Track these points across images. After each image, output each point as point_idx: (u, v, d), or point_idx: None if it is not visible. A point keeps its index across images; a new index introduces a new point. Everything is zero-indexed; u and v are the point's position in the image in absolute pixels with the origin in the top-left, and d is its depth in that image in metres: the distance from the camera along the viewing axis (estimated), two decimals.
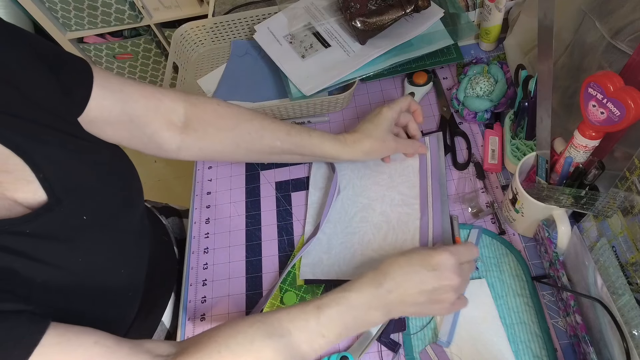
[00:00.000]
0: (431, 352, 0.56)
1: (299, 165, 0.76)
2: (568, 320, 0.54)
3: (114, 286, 0.50)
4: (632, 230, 0.43)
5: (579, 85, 0.47)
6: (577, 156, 0.51)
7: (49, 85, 0.46)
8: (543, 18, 0.43)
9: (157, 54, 1.87)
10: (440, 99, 0.77)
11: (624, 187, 0.44)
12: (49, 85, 0.46)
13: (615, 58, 0.51)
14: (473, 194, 0.66)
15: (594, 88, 0.44)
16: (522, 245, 0.62)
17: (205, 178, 0.78)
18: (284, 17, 0.83)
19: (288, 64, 0.78)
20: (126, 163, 0.56)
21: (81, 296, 0.46)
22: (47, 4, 1.61)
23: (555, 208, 0.53)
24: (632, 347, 0.43)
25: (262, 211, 0.73)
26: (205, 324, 0.64)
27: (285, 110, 0.77)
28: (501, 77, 0.71)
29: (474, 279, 0.59)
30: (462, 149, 0.71)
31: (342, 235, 0.66)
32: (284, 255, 0.68)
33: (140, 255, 0.57)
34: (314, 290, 0.64)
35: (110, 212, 0.50)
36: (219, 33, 0.91)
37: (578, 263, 0.53)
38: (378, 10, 0.73)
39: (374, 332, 0.58)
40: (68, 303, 0.44)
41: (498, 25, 0.75)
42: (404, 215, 0.66)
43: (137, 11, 1.65)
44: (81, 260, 0.46)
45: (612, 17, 0.51)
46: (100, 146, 0.52)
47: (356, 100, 0.81)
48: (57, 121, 0.45)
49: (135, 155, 0.63)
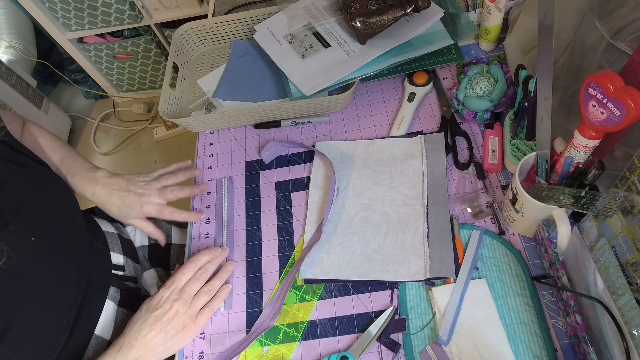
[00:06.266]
0: (431, 352, 0.56)
1: (299, 165, 0.76)
2: (568, 320, 0.54)
3: (50, 313, 0.52)
4: (632, 230, 0.43)
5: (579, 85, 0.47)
6: (577, 156, 0.51)
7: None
8: (543, 18, 0.43)
9: (157, 54, 1.87)
10: (440, 99, 0.77)
11: (624, 187, 0.44)
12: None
13: (615, 58, 0.51)
14: (473, 194, 0.66)
15: (594, 88, 0.44)
16: (522, 245, 0.62)
17: (205, 178, 0.78)
18: (284, 17, 0.83)
19: (288, 64, 0.78)
20: (54, 177, 0.61)
21: (14, 320, 0.48)
22: (47, 4, 1.61)
23: (555, 208, 0.53)
24: (632, 347, 0.43)
25: (262, 211, 0.73)
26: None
27: (285, 110, 0.77)
28: (501, 77, 0.71)
29: (474, 279, 0.59)
30: (462, 148, 0.71)
31: (342, 235, 0.66)
32: (284, 256, 0.68)
33: (79, 277, 0.58)
34: (313, 290, 0.64)
35: (55, 231, 0.53)
36: (219, 33, 0.91)
37: (578, 263, 0.53)
38: (378, 10, 0.73)
39: (374, 332, 0.58)
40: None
41: (498, 25, 0.75)
42: (405, 215, 0.66)
43: (137, 11, 1.65)
44: (21, 285, 0.49)
45: (612, 17, 0.51)
46: (30, 162, 0.57)
47: (356, 100, 0.81)
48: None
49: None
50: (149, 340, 0.57)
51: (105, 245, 0.68)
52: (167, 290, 0.60)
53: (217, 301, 0.63)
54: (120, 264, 0.69)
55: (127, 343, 0.56)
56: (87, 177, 0.67)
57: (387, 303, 0.61)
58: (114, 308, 0.64)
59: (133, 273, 0.71)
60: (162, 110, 0.79)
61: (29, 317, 0.49)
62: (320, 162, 0.75)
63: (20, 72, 1.84)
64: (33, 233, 0.52)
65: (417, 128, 0.75)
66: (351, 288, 0.63)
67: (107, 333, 0.62)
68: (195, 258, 0.64)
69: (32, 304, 0.50)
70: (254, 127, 0.82)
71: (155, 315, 0.58)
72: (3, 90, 1.71)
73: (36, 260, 0.52)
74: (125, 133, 2.08)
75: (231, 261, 0.67)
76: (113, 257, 0.68)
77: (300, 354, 0.60)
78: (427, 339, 0.57)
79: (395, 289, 0.62)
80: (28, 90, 1.85)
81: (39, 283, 0.51)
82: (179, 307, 0.59)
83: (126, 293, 0.66)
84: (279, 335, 0.61)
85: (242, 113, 0.76)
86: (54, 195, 0.59)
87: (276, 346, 0.61)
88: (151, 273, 0.75)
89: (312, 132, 0.79)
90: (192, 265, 0.63)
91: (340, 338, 0.60)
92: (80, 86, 2.12)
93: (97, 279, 0.62)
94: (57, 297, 0.53)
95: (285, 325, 0.62)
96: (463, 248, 0.62)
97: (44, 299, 0.51)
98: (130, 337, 0.57)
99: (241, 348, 0.60)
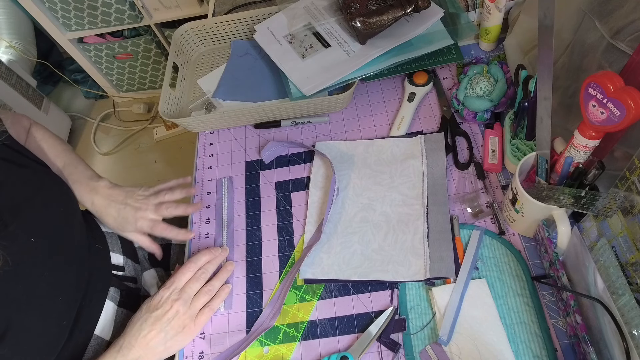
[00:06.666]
0: (431, 352, 0.56)
1: (299, 165, 0.76)
2: (568, 320, 0.54)
3: (50, 314, 0.52)
4: (632, 230, 0.43)
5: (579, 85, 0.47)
6: (577, 156, 0.51)
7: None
8: (543, 18, 0.43)
9: (157, 54, 1.87)
10: (440, 99, 0.77)
11: (624, 187, 0.44)
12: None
13: (615, 58, 0.51)
14: (473, 194, 0.66)
15: (594, 88, 0.44)
16: (522, 245, 0.62)
17: (205, 178, 0.78)
18: (284, 17, 0.83)
19: (288, 64, 0.78)
20: (54, 177, 0.61)
21: (14, 321, 0.48)
22: (47, 4, 1.61)
23: (555, 208, 0.53)
24: (632, 347, 0.43)
25: (262, 211, 0.73)
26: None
27: (285, 110, 0.77)
28: (501, 77, 0.71)
29: (474, 279, 0.59)
30: (462, 148, 0.71)
31: (342, 235, 0.66)
32: (284, 256, 0.68)
33: (79, 277, 0.58)
34: (313, 290, 0.64)
35: (54, 231, 0.54)
36: (219, 33, 0.91)
37: (578, 263, 0.53)
38: (378, 10, 0.73)
39: (374, 332, 0.58)
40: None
41: (498, 25, 0.75)
42: (405, 215, 0.66)
43: (137, 11, 1.65)
44: (21, 286, 0.49)
45: (612, 17, 0.51)
46: (30, 162, 0.58)
47: (356, 100, 0.81)
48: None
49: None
50: (149, 340, 0.57)
51: (105, 245, 0.68)
52: (167, 291, 0.60)
53: (217, 301, 0.63)
54: (120, 264, 0.69)
55: (127, 343, 0.56)
56: (87, 185, 0.67)
57: (387, 303, 0.61)
58: (114, 308, 0.64)
59: (133, 273, 0.71)
60: (162, 110, 0.79)
61: (29, 318, 0.49)
62: (320, 162, 0.75)
63: (20, 72, 1.84)
64: (33, 233, 0.52)
65: (417, 128, 0.75)
66: (351, 288, 0.63)
67: (106, 333, 0.62)
68: (195, 258, 0.64)
69: (32, 305, 0.50)
70: (254, 127, 0.82)
71: (155, 315, 0.58)
72: (3, 90, 1.71)
73: (36, 260, 0.52)
74: (125, 133, 2.08)
75: (231, 261, 0.67)
76: (113, 257, 0.68)
77: (300, 354, 0.60)
78: (427, 339, 0.57)
79: (395, 289, 0.62)
80: (28, 90, 1.85)
81: (39, 284, 0.51)
82: (179, 307, 0.59)
83: (126, 293, 0.66)
84: (279, 335, 0.61)
85: (242, 113, 0.76)
86: (53, 195, 0.59)
87: (276, 346, 0.61)
88: (151, 273, 0.75)
89: (312, 132, 0.79)
90: (192, 266, 0.63)
91: (340, 338, 0.60)
92: (80, 86, 2.12)
93: (96, 280, 0.62)
94: (57, 298, 0.53)
95: (285, 325, 0.62)
96: (463, 248, 0.62)
97: (44, 300, 0.51)
98: (130, 337, 0.57)
99: (241, 348, 0.60)
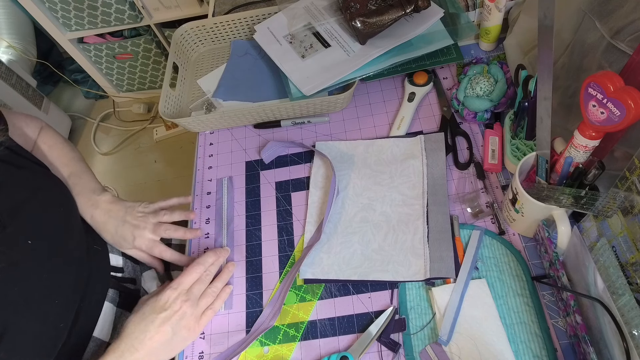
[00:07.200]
0: (431, 352, 0.56)
1: (299, 165, 0.76)
2: (568, 320, 0.54)
3: (48, 316, 0.52)
4: (632, 230, 0.43)
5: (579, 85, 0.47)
6: (577, 156, 0.51)
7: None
8: (543, 18, 0.43)
9: (157, 54, 1.87)
10: (440, 99, 0.77)
11: (624, 187, 0.44)
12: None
13: (615, 58, 0.51)
14: (473, 194, 0.66)
15: (594, 88, 0.44)
16: (522, 245, 0.62)
17: (205, 178, 0.78)
18: (284, 17, 0.83)
19: (288, 64, 0.78)
20: (55, 181, 0.61)
21: (11, 324, 0.47)
22: (47, 4, 1.61)
23: (555, 208, 0.53)
24: (632, 347, 0.43)
25: (262, 211, 0.73)
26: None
27: (285, 110, 0.77)
28: (501, 77, 0.71)
29: (474, 279, 0.59)
30: (462, 148, 0.71)
31: (342, 235, 0.66)
32: (284, 256, 0.68)
33: (77, 279, 0.57)
34: (313, 290, 0.64)
35: (53, 232, 0.53)
36: (219, 33, 0.91)
37: (578, 263, 0.53)
38: (378, 10, 0.73)
39: (374, 332, 0.58)
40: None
41: (498, 25, 0.75)
42: (405, 215, 0.66)
43: (137, 11, 1.65)
44: (18, 288, 0.48)
45: (612, 17, 0.51)
46: (29, 164, 0.58)
47: (356, 100, 0.81)
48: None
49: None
50: (155, 342, 0.56)
51: (104, 246, 0.67)
52: (174, 291, 0.59)
53: (219, 302, 0.62)
54: (119, 265, 0.69)
55: (129, 347, 0.54)
56: (89, 199, 0.66)
57: (387, 303, 0.61)
58: (113, 309, 0.63)
59: (132, 274, 0.70)
60: (162, 110, 0.79)
61: (26, 321, 0.49)
62: (320, 162, 0.75)
63: (20, 72, 1.84)
64: (31, 235, 0.52)
65: (417, 128, 0.75)
66: (351, 288, 0.63)
67: (105, 335, 0.62)
68: (202, 260, 0.63)
69: (29, 307, 0.50)
70: (254, 127, 0.82)
71: (163, 316, 0.57)
72: (3, 90, 1.71)
73: (34, 262, 0.51)
74: (125, 133, 2.08)
75: (232, 262, 0.67)
76: (112, 258, 0.68)
77: (300, 354, 0.60)
78: (427, 339, 0.57)
79: (395, 289, 0.62)
80: (28, 90, 1.85)
81: (37, 286, 0.51)
82: (188, 308, 0.58)
83: (125, 294, 0.66)
84: (279, 335, 0.61)
85: (242, 113, 0.76)
86: (52, 196, 0.59)
87: (276, 346, 0.61)
88: (151, 273, 0.74)
89: (312, 132, 0.79)
90: (200, 267, 0.62)
91: (340, 338, 0.60)
92: (80, 86, 2.12)
93: (95, 281, 0.62)
94: (55, 301, 0.53)
95: (285, 325, 0.62)
96: (463, 248, 0.62)
97: (41, 302, 0.51)
98: (133, 339, 0.55)
99: (241, 348, 0.60)
